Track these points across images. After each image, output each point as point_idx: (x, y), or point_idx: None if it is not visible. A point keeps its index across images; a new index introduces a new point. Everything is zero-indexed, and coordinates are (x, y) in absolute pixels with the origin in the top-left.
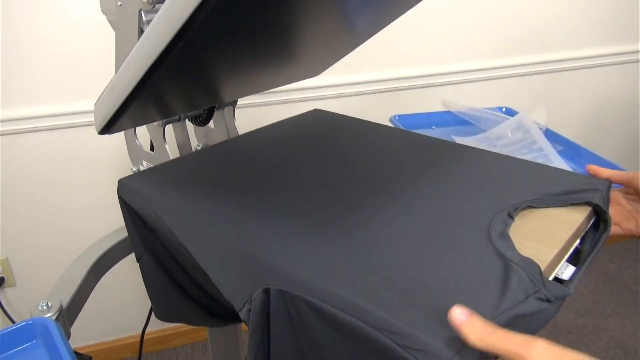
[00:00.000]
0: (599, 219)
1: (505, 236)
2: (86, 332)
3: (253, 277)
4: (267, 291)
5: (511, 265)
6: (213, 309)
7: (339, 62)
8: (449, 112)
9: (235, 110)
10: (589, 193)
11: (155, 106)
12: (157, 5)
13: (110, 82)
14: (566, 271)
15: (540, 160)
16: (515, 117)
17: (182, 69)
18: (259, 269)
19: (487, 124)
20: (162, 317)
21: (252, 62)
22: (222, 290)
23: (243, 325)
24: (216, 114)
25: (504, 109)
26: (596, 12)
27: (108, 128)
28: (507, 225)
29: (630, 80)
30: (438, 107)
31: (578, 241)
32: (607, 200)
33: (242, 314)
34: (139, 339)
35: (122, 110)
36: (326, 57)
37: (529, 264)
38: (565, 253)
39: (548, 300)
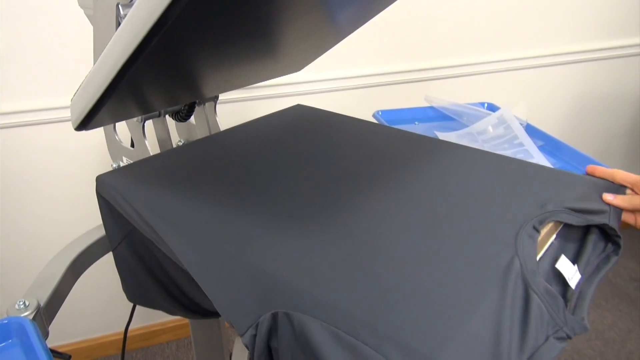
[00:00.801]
0: (610, 240)
1: (531, 259)
2: (69, 329)
3: (258, 297)
4: (275, 315)
5: (533, 297)
6: (190, 307)
7: (322, 57)
8: (431, 108)
9: (217, 106)
10: (603, 214)
11: (133, 101)
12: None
13: (86, 77)
14: (574, 277)
15: (520, 156)
16: (497, 113)
17: (159, 64)
18: (265, 286)
19: (470, 119)
20: (135, 301)
21: (232, 57)
22: (219, 310)
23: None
24: (197, 109)
25: (485, 105)
26: (577, 9)
27: (85, 124)
28: (535, 241)
29: (609, 76)
30: (421, 103)
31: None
32: (618, 216)
33: (244, 339)
34: (122, 336)
35: (99, 106)
36: (308, 52)
37: (553, 297)
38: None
39: (568, 337)
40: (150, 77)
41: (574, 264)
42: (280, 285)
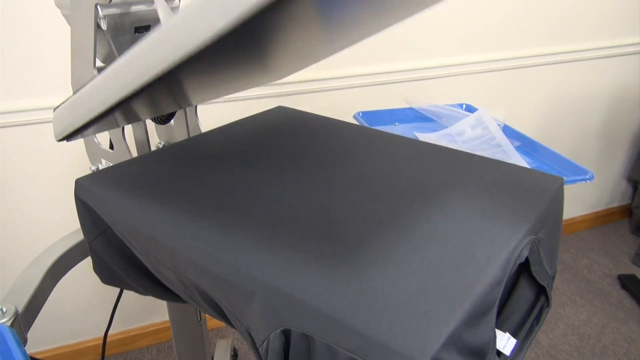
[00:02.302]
0: (546, 295)
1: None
2: (47, 335)
3: (266, 310)
4: (287, 332)
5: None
6: (164, 290)
7: None
8: (411, 109)
9: (197, 108)
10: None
11: (121, 117)
12: (113, 0)
13: (77, 93)
14: (508, 344)
15: (498, 156)
16: (475, 114)
17: (157, 90)
18: (269, 299)
19: (448, 120)
20: (107, 283)
21: (224, 75)
22: (244, 323)
23: (209, 323)
24: (178, 112)
25: (464, 106)
26: (551, 12)
27: (69, 137)
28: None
29: (582, 77)
30: (401, 104)
31: None
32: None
33: (261, 350)
34: (102, 342)
35: (88, 125)
36: (298, 65)
37: None
38: None
39: None
40: (144, 99)
41: (504, 330)
42: (284, 299)
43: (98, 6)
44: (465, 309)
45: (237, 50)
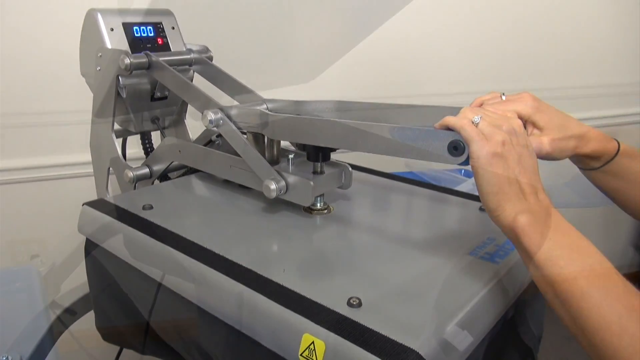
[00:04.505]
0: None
1: None
2: None
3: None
4: None
5: None
6: (161, 347)
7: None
8: (412, 173)
9: None
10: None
11: None
12: (134, 72)
13: None
14: None
15: None
16: (472, 179)
17: None
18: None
19: (447, 185)
20: (108, 340)
21: None
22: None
23: None
24: None
25: (462, 171)
26: (549, 72)
27: None
28: None
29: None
30: (401, 168)
31: None
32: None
33: None
34: None
35: None
36: None
37: None
38: None
39: None
40: None
41: None
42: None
43: (120, 77)
44: None
45: None
